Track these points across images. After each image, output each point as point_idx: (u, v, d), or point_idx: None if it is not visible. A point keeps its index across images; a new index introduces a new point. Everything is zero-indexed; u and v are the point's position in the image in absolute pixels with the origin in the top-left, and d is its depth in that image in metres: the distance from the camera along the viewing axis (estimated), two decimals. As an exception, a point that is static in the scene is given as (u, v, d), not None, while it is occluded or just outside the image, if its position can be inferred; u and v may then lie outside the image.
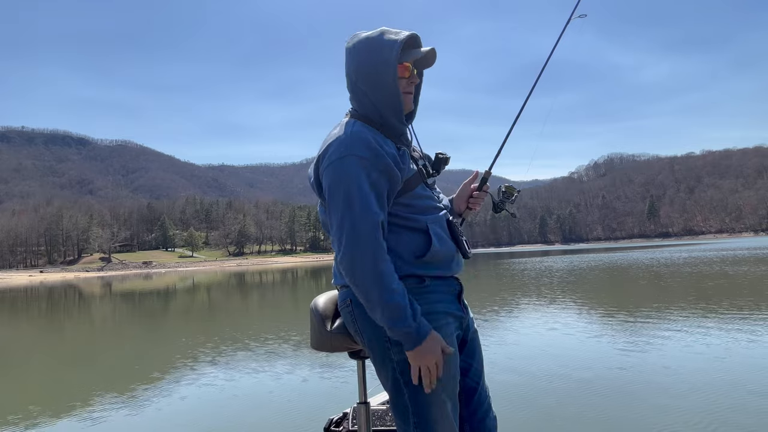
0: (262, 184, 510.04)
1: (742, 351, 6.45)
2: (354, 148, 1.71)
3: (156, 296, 27.11)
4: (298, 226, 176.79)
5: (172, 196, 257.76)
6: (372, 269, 1.64)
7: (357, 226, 1.65)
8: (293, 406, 5.24)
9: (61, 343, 11.92)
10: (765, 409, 4.33)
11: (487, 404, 1.95)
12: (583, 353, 6.87)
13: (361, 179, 1.68)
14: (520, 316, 10.86)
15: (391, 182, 1.75)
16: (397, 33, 1.82)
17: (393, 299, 1.63)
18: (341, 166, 1.70)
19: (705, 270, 21.84)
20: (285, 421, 4.77)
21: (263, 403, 5.45)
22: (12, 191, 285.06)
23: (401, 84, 1.82)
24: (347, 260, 1.67)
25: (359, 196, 1.67)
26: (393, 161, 1.75)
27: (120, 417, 5.16)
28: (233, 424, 4.77)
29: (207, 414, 5.17)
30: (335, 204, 1.69)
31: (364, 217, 1.65)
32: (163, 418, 5.16)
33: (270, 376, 6.53)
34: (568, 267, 30.70)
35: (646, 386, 5.17)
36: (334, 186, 1.70)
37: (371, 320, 1.75)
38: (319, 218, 1.94)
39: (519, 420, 4.42)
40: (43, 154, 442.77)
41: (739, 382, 5.14)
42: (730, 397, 4.70)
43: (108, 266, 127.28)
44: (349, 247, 1.65)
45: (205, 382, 6.46)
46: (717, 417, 4.20)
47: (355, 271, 1.66)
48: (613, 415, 4.44)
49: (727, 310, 9.93)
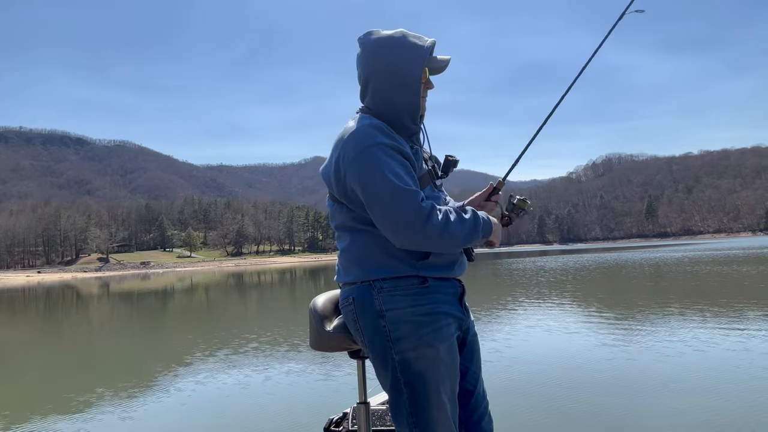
0: (260, 185, 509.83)
1: (741, 351, 6.47)
2: (373, 138, 1.72)
3: (154, 297, 27.08)
4: (297, 227, 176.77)
5: (170, 197, 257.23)
6: (440, 237, 1.69)
7: (404, 210, 1.65)
8: (293, 406, 5.25)
9: (59, 343, 11.90)
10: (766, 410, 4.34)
11: (484, 407, 1.96)
12: (581, 353, 6.87)
13: (390, 164, 1.69)
14: (518, 315, 10.87)
15: (413, 169, 1.78)
16: (420, 38, 1.84)
17: (469, 237, 1.75)
18: (366, 157, 1.70)
19: (699, 270, 21.88)
20: (285, 421, 4.77)
21: (263, 403, 5.44)
22: (10, 191, 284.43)
23: (420, 89, 1.85)
24: (411, 244, 1.71)
25: (394, 178, 1.67)
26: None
27: (119, 417, 5.15)
28: (233, 425, 4.76)
29: (206, 414, 5.16)
30: (374, 194, 1.69)
31: (407, 197, 1.66)
32: (162, 418, 5.15)
33: (269, 377, 6.52)
34: (568, 267, 30.72)
35: (646, 386, 5.17)
36: (366, 178, 1.70)
37: (372, 319, 1.76)
38: (329, 212, 1.94)
39: (517, 422, 4.42)
40: (41, 154, 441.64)
41: (738, 382, 5.16)
42: (731, 396, 4.71)
43: (106, 266, 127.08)
44: (406, 232, 1.67)
45: (205, 382, 6.45)
46: (718, 417, 4.21)
47: (428, 246, 1.73)
48: (613, 415, 4.45)
49: (724, 309, 9.95)
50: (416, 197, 1.67)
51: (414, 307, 1.76)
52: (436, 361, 1.74)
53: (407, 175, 1.72)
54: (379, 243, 1.76)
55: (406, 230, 1.66)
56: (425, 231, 1.66)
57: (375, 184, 1.68)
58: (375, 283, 1.78)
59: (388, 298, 1.76)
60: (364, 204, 1.74)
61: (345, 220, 1.85)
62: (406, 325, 1.74)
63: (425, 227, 1.66)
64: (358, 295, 1.80)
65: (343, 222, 1.85)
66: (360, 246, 1.82)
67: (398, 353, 1.74)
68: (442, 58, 1.88)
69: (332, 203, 1.88)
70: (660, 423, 4.14)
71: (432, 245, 1.71)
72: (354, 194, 1.76)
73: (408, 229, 1.66)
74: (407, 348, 1.73)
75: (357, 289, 1.82)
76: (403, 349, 1.73)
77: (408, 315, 1.75)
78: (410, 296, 1.76)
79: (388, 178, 1.67)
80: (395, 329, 1.74)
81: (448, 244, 1.72)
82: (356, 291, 1.81)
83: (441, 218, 1.68)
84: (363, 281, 1.80)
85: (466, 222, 1.74)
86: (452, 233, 1.70)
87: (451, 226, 1.70)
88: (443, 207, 1.74)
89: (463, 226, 1.73)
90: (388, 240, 1.73)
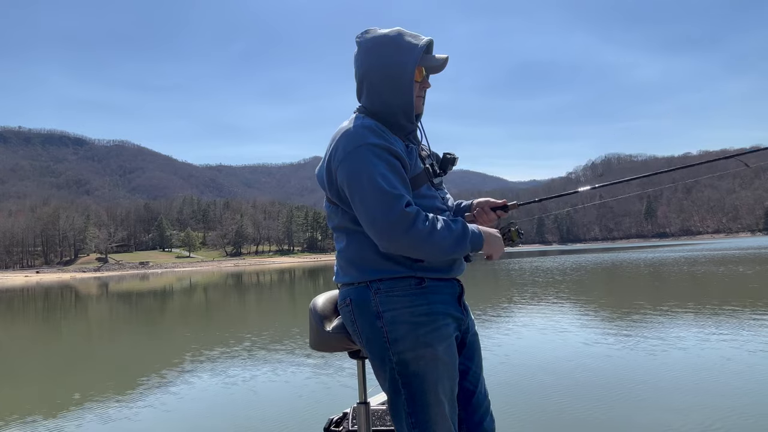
0: (259, 185, 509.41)
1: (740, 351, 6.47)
2: (364, 138, 1.71)
3: (153, 297, 27.05)
4: (296, 227, 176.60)
5: (169, 197, 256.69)
6: (423, 243, 1.67)
7: (388, 213, 1.63)
8: (293, 406, 5.24)
9: (58, 343, 11.89)
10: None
11: (486, 407, 1.95)
12: (580, 353, 6.88)
13: (378, 165, 1.68)
14: (518, 315, 10.87)
15: (404, 168, 1.76)
16: (415, 36, 1.83)
17: (454, 247, 1.72)
18: (356, 157, 1.70)
19: (696, 270, 21.89)
20: (285, 421, 4.77)
21: (263, 403, 5.44)
22: (9, 191, 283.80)
23: (414, 87, 1.83)
24: (394, 248, 1.69)
25: (381, 181, 1.66)
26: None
27: (118, 417, 5.15)
28: (233, 425, 4.76)
29: (206, 414, 5.17)
30: (359, 195, 1.68)
31: (392, 201, 1.64)
32: (162, 418, 5.15)
33: (269, 377, 6.52)
34: (567, 267, 30.72)
35: (645, 386, 5.18)
36: (353, 178, 1.69)
37: (370, 320, 1.76)
38: (326, 214, 1.94)
39: (518, 422, 4.42)
40: (40, 154, 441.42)
41: (738, 381, 5.16)
42: (730, 397, 4.71)
43: (105, 267, 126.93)
44: (389, 236, 1.65)
45: (205, 382, 6.45)
46: (717, 417, 4.22)
47: (411, 252, 1.70)
48: (614, 415, 4.45)
49: (721, 308, 9.96)
50: (401, 201, 1.65)
51: (411, 308, 1.75)
52: (435, 361, 1.73)
53: (396, 178, 1.70)
54: (375, 244, 1.74)
55: (389, 234, 1.64)
56: (408, 236, 1.64)
57: (361, 185, 1.67)
58: (372, 284, 1.77)
59: (385, 299, 1.75)
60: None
61: (341, 221, 1.83)
62: (403, 326, 1.73)
63: (408, 232, 1.64)
64: (355, 297, 1.79)
65: (340, 223, 1.84)
66: (356, 247, 1.80)
67: (396, 354, 1.73)
68: (439, 57, 1.86)
69: (329, 205, 1.87)
70: (659, 421, 4.14)
71: (415, 251, 1.69)
72: (345, 195, 1.75)
73: (391, 232, 1.64)
74: (405, 348, 1.73)
75: (354, 290, 1.81)
76: (401, 350, 1.72)
77: (406, 315, 1.74)
78: (407, 297, 1.75)
79: (374, 181, 1.65)
80: (393, 330, 1.74)
81: (432, 251, 1.69)
82: (353, 292, 1.80)
83: (426, 225, 1.66)
84: (360, 282, 1.80)
85: (454, 231, 1.71)
86: (437, 241, 1.67)
87: (437, 233, 1.67)
88: (431, 214, 1.71)
89: (450, 234, 1.70)
90: None
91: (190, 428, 4.82)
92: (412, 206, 1.67)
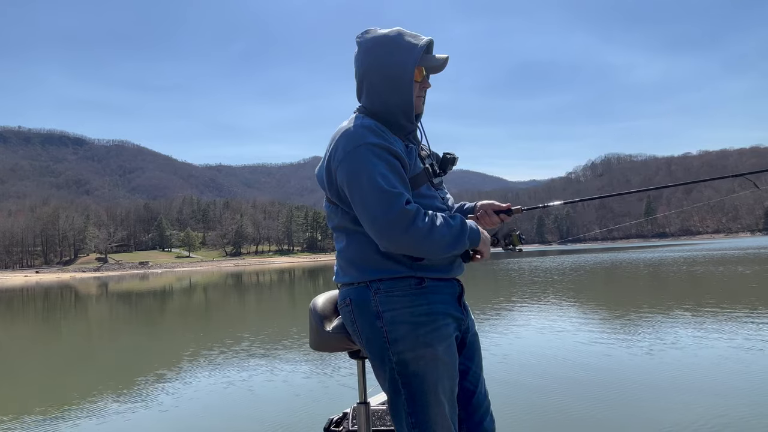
0: (259, 185, 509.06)
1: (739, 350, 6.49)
2: (364, 138, 1.71)
3: (152, 297, 27.05)
4: (296, 227, 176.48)
5: (169, 196, 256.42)
6: (424, 240, 1.67)
7: (388, 212, 1.63)
8: (293, 406, 5.25)
9: (57, 343, 11.89)
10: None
11: (486, 407, 1.94)
12: (579, 352, 6.89)
13: (378, 165, 1.68)
14: (517, 315, 10.88)
15: (404, 168, 1.76)
16: (415, 36, 1.83)
17: (454, 243, 1.72)
18: (355, 156, 1.70)
19: (695, 270, 21.90)
20: (285, 421, 4.78)
21: (263, 403, 5.45)
22: (8, 191, 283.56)
23: (414, 87, 1.83)
24: (394, 247, 1.69)
25: (381, 180, 1.66)
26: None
27: (118, 417, 5.16)
28: (233, 425, 4.77)
29: (206, 414, 5.17)
30: (359, 194, 1.68)
31: (391, 199, 1.64)
32: (162, 418, 5.15)
33: (269, 377, 6.53)
34: (566, 267, 30.72)
35: (644, 385, 5.19)
36: (353, 177, 1.69)
37: (370, 320, 1.76)
38: (326, 214, 1.93)
39: (517, 422, 4.43)
40: (40, 154, 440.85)
41: (738, 381, 5.17)
42: (727, 396, 4.72)
43: (104, 266, 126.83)
44: (389, 234, 1.65)
45: (204, 382, 6.46)
46: (714, 415, 4.23)
47: (412, 250, 1.70)
48: (613, 414, 4.46)
49: (719, 308, 9.97)
50: (401, 200, 1.65)
51: (411, 308, 1.75)
52: (435, 361, 1.73)
53: (395, 177, 1.70)
54: (375, 244, 1.74)
55: (389, 232, 1.65)
56: (409, 234, 1.64)
57: (361, 185, 1.67)
58: (372, 284, 1.77)
59: (385, 299, 1.75)
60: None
61: (341, 221, 1.83)
62: (403, 326, 1.73)
63: (409, 230, 1.64)
64: (355, 297, 1.79)
65: (340, 223, 1.84)
66: (356, 247, 1.80)
67: (396, 354, 1.73)
68: (439, 57, 1.86)
69: (328, 205, 1.87)
70: (657, 419, 4.15)
71: (416, 249, 1.69)
72: (345, 195, 1.75)
73: (391, 231, 1.64)
74: (405, 349, 1.72)
75: (354, 290, 1.81)
76: (401, 350, 1.72)
77: (406, 316, 1.74)
78: (407, 297, 1.75)
79: (374, 180, 1.65)
80: (392, 330, 1.73)
81: (432, 248, 1.69)
82: (353, 292, 1.80)
83: (426, 222, 1.66)
84: (360, 282, 1.79)
85: (453, 228, 1.71)
86: (436, 238, 1.68)
87: (436, 230, 1.67)
88: (430, 211, 1.71)
89: (449, 231, 1.70)
90: None
91: (190, 428, 4.83)
92: (411, 204, 1.68)
